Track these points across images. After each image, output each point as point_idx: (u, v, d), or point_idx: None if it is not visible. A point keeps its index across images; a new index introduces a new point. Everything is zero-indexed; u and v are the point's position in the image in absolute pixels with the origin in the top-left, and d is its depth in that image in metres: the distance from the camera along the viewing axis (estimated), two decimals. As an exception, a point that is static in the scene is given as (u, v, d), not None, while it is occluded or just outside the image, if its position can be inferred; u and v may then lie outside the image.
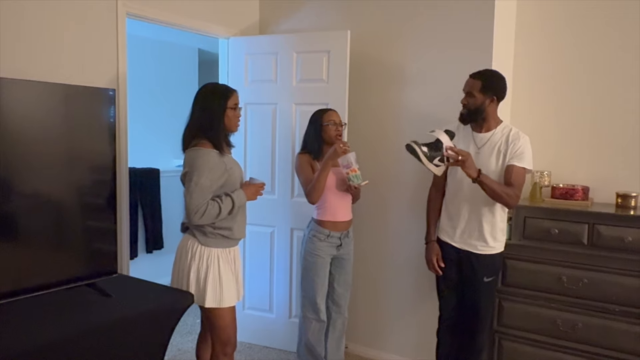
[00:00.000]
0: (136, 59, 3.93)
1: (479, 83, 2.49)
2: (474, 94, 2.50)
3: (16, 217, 2.12)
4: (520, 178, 2.48)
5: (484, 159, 2.53)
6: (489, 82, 2.50)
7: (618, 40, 2.93)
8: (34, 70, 2.42)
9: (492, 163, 2.52)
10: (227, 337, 2.41)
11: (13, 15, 2.36)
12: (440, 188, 2.76)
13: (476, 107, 2.51)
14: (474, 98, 2.50)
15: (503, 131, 2.54)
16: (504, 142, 2.51)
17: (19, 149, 2.09)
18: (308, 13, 3.51)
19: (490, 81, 2.50)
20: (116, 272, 2.44)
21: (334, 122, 2.80)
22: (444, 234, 2.70)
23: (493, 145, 2.53)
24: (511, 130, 2.54)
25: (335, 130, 2.80)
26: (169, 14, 3.09)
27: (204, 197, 2.24)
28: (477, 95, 2.49)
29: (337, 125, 2.81)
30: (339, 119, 2.84)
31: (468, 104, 2.53)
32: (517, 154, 2.47)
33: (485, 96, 2.49)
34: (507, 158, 2.49)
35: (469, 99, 2.52)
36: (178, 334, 3.71)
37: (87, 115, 2.35)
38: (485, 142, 2.55)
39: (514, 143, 2.49)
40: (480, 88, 2.49)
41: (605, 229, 2.63)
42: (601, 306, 2.64)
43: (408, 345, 3.26)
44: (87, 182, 2.38)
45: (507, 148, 2.49)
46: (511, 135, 2.52)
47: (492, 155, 2.52)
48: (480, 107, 2.50)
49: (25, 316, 2.01)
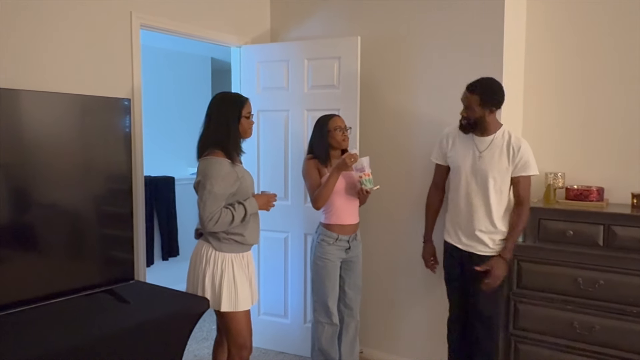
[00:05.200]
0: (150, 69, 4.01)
1: (477, 98, 2.52)
2: (473, 108, 2.53)
3: (36, 226, 2.17)
4: (528, 189, 2.61)
5: (491, 161, 2.57)
6: (487, 96, 2.52)
7: (631, 39, 2.91)
8: (49, 81, 2.48)
9: (504, 162, 2.56)
10: (242, 341, 2.44)
11: (30, 29, 2.42)
12: (441, 187, 2.85)
13: (476, 120, 2.55)
14: (473, 112, 2.54)
15: (503, 135, 2.58)
16: (506, 147, 2.56)
17: (37, 159, 2.14)
18: (318, 20, 3.54)
19: (488, 95, 2.52)
20: (133, 278, 2.48)
21: (340, 127, 2.83)
22: (448, 235, 2.75)
23: (497, 147, 2.57)
24: (511, 136, 2.57)
25: (342, 135, 2.83)
26: (182, 24, 3.14)
27: (217, 205, 2.28)
28: (476, 109, 2.53)
29: (343, 130, 2.84)
30: (344, 124, 2.87)
31: (468, 116, 2.57)
32: (521, 164, 2.55)
33: (485, 109, 2.52)
34: (511, 167, 2.55)
35: (469, 112, 2.55)
36: (194, 340, 3.74)
37: (103, 125, 2.41)
38: (487, 145, 2.59)
39: (516, 153, 2.53)
40: (479, 102, 2.51)
41: (621, 229, 2.60)
42: (618, 308, 2.61)
43: (419, 347, 3.25)
44: (104, 191, 2.43)
45: (510, 154, 2.54)
46: (512, 142, 2.55)
47: (503, 156, 2.56)
48: (480, 119, 2.55)
49: (46, 322, 2.05)
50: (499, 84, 2.57)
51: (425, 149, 3.02)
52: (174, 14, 3.09)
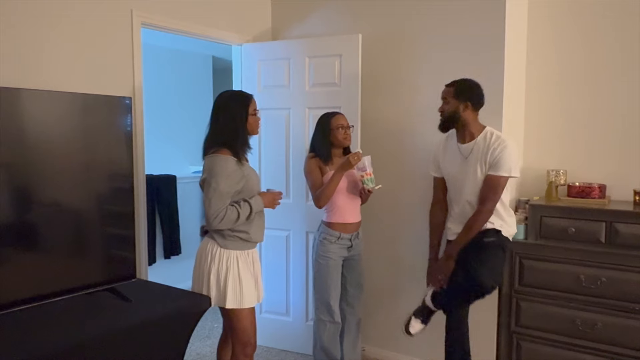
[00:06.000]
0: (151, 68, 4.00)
1: (452, 89, 2.57)
2: (448, 100, 2.57)
3: (37, 225, 2.18)
4: (494, 189, 2.49)
5: (470, 168, 2.56)
6: (461, 88, 2.55)
7: (634, 35, 2.90)
8: (50, 80, 2.48)
9: (478, 172, 2.53)
10: (247, 338, 2.45)
11: (31, 27, 2.42)
12: (442, 202, 2.79)
13: (450, 114, 2.56)
14: (448, 104, 2.56)
15: (486, 138, 2.54)
16: (487, 147, 2.51)
17: (38, 158, 2.14)
18: (319, 18, 3.54)
19: (463, 87, 2.56)
20: (135, 277, 2.48)
21: (342, 126, 2.83)
22: (450, 235, 2.72)
23: (477, 154, 2.54)
24: (493, 136, 2.53)
25: (344, 133, 2.83)
26: (183, 22, 3.14)
27: (223, 202, 2.29)
28: (450, 100, 2.56)
29: (345, 129, 2.84)
30: (347, 122, 2.87)
31: (444, 111, 2.59)
32: (493, 163, 2.48)
33: (459, 101, 2.53)
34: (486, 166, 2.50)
35: (445, 105, 2.59)
36: (197, 338, 3.75)
37: (104, 124, 2.41)
38: (469, 152, 2.57)
39: (490, 151, 2.49)
40: (454, 93, 2.55)
41: (624, 226, 2.60)
42: (620, 305, 2.60)
43: (421, 345, 3.24)
44: (106, 190, 2.43)
45: (488, 153, 2.50)
46: (492, 142, 2.51)
47: (477, 164, 2.53)
48: (454, 113, 2.55)
49: (48, 320, 2.06)
50: (476, 83, 2.58)
51: (427, 145, 3.01)
52: (174, 12, 3.09)
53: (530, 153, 3.21)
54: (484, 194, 2.52)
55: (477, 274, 2.44)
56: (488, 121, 2.63)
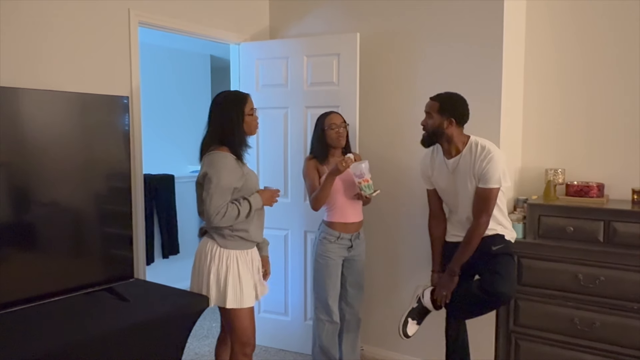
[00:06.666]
0: (149, 67, 4.00)
1: (436, 104, 2.52)
2: (432, 115, 2.52)
3: (35, 224, 2.17)
4: (487, 202, 2.48)
5: (459, 182, 2.54)
6: (446, 104, 2.50)
7: (632, 34, 2.90)
8: (48, 79, 2.47)
9: (468, 186, 2.52)
10: (246, 338, 2.44)
11: (29, 27, 2.42)
12: (439, 214, 2.76)
13: (434, 129, 2.52)
14: (432, 119, 2.52)
15: (471, 150, 2.51)
16: (473, 159, 2.49)
17: (36, 157, 2.14)
18: (317, 17, 3.53)
19: (448, 103, 2.51)
20: (133, 276, 2.48)
21: (335, 124, 2.81)
22: (449, 237, 2.71)
23: (464, 167, 2.52)
24: (478, 147, 2.49)
25: (336, 132, 2.81)
26: (181, 21, 3.13)
27: (224, 199, 2.28)
28: (434, 115, 2.51)
29: (338, 128, 2.82)
30: (340, 120, 2.84)
31: (427, 125, 2.56)
32: (482, 175, 2.46)
33: (443, 117, 2.49)
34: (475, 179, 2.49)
35: (428, 120, 2.55)
36: (195, 338, 3.74)
37: (102, 123, 2.40)
38: (456, 166, 2.55)
39: (478, 164, 2.46)
40: (438, 109, 2.50)
41: (622, 225, 2.60)
42: (619, 304, 2.60)
43: (421, 345, 3.24)
44: (104, 189, 2.43)
45: (475, 166, 2.47)
46: (477, 154, 2.48)
47: (467, 178, 2.51)
48: (438, 128, 2.51)
49: (46, 320, 2.05)
50: (463, 98, 2.53)
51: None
52: (172, 12, 3.08)
53: (529, 152, 3.21)
54: (477, 206, 2.50)
55: (494, 286, 2.41)
56: (486, 122, 2.63)
